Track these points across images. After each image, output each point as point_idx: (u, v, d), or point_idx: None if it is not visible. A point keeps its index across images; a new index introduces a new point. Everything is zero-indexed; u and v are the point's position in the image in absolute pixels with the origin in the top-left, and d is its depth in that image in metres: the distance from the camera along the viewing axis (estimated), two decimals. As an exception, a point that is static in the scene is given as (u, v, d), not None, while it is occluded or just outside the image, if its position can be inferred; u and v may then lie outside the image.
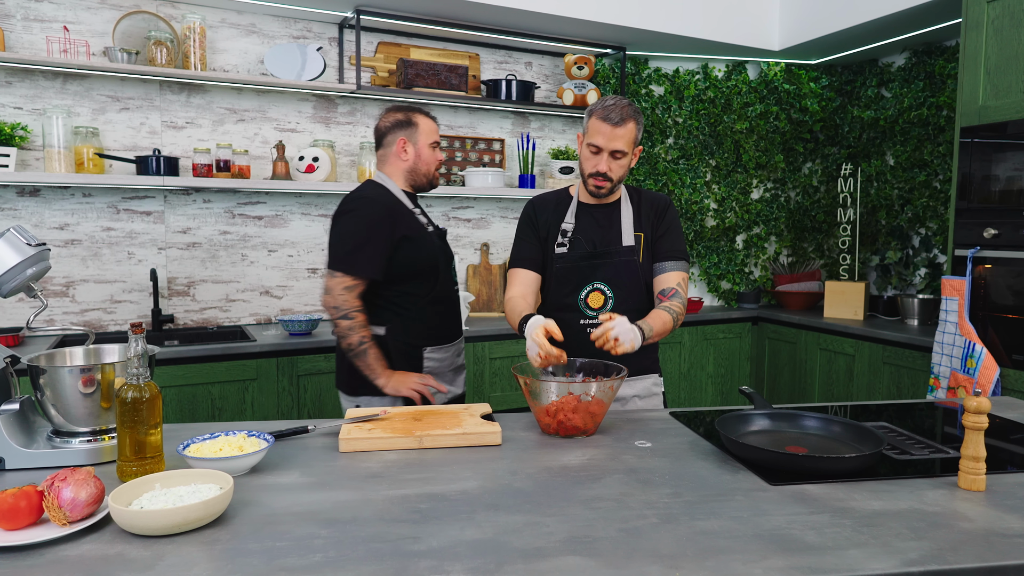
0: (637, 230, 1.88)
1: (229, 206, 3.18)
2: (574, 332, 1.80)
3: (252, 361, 2.74)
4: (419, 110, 2.13)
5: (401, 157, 2.08)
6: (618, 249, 1.85)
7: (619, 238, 1.87)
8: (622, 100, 1.79)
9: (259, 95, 3.20)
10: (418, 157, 2.09)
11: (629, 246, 1.86)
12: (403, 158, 2.08)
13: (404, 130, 2.08)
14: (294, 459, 1.38)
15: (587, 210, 1.90)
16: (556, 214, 1.90)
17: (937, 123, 3.53)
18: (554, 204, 1.93)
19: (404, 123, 2.08)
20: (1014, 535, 1.06)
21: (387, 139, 2.09)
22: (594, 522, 1.10)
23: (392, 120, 2.09)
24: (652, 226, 1.89)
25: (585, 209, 1.90)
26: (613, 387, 1.53)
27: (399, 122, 2.08)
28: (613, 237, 1.87)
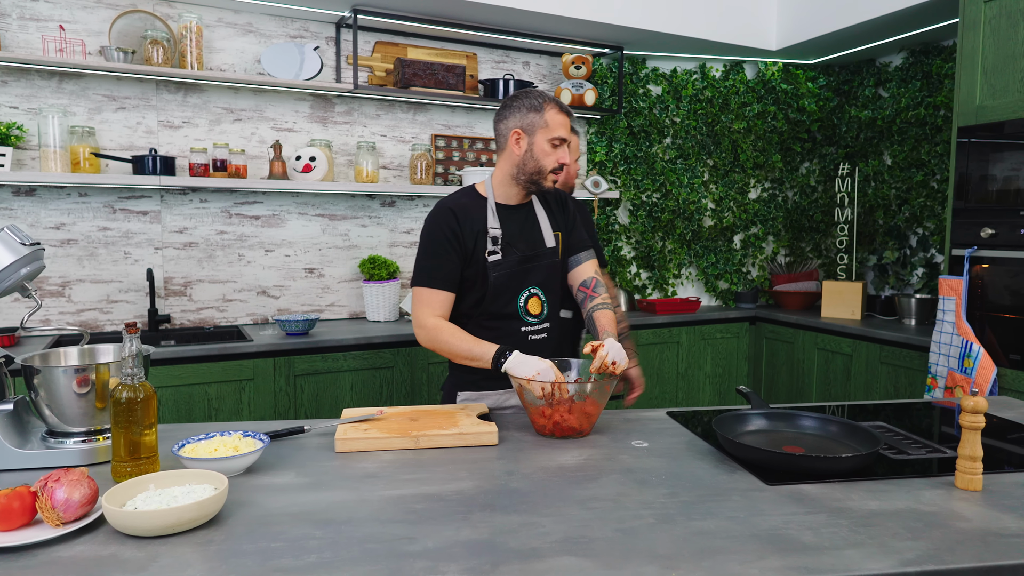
0: (555, 229, 1.82)
1: (226, 206, 3.18)
2: (515, 341, 1.72)
3: (249, 361, 2.73)
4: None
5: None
6: (544, 251, 1.77)
7: (542, 240, 1.78)
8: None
9: (256, 94, 3.20)
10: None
11: (552, 247, 1.78)
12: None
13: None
14: (290, 459, 1.38)
15: (506, 212, 1.75)
16: (478, 220, 1.72)
17: (935, 123, 3.53)
18: (472, 209, 1.73)
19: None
20: (1011, 535, 1.06)
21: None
22: (590, 522, 1.09)
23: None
24: (564, 222, 1.84)
25: (504, 211, 1.75)
26: (608, 386, 1.52)
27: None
28: (537, 239, 1.77)
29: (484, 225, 1.71)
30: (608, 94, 3.87)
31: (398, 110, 3.50)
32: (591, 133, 3.95)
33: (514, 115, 1.69)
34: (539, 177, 1.72)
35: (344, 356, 2.89)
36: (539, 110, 1.69)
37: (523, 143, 1.69)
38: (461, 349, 1.63)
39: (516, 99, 1.71)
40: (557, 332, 1.82)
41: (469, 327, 1.71)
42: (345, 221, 3.42)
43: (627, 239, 4.06)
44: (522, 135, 1.69)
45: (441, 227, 1.68)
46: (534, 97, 1.70)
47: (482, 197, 1.76)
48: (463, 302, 1.73)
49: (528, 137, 1.69)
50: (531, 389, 1.51)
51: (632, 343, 1.83)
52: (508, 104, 1.71)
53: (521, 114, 1.69)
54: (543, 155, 1.70)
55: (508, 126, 1.70)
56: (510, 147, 1.71)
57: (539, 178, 1.72)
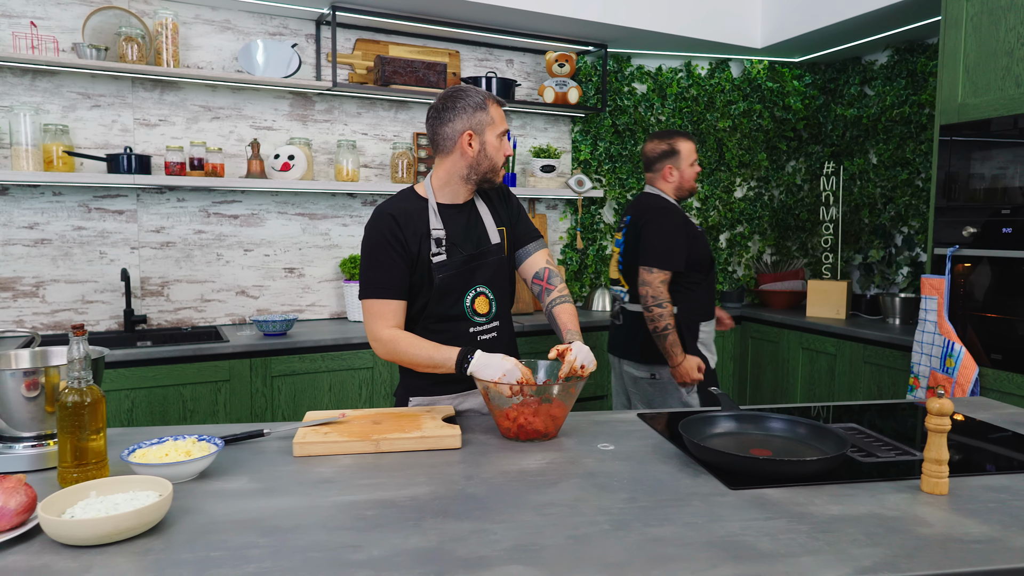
0: (499, 224, 1.77)
1: (204, 205, 3.14)
2: (464, 341, 1.68)
3: (225, 362, 2.70)
4: (680, 134, 2.58)
5: (668, 179, 2.58)
6: (489, 248, 1.72)
7: (487, 237, 1.73)
8: None
9: (234, 92, 3.16)
10: (683, 178, 2.58)
11: (497, 244, 1.74)
12: (669, 180, 2.58)
13: (669, 159, 2.57)
14: (246, 464, 1.35)
15: (449, 212, 1.70)
16: (420, 223, 1.66)
17: (919, 121, 3.51)
18: (414, 212, 1.67)
19: (669, 152, 2.57)
20: (971, 540, 1.03)
21: (656, 166, 2.60)
22: (543, 529, 1.07)
23: (659, 150, 2.58)
24: (507, 216, 1.81)
25: (445, 211, 1.70)
26: (574, 388, 1.50)
27: (664, 152, 2.57)
28: (481, 236, 1.72)
29: (427, 228, 1.66)
30: (592, 92, 3.84)
31: (379, 108, 3.46)
32: (575, 132, 3.92)
33: (460, 116, 1.65)
34: (493, 175, 1.70)
35: (322, 357, 2.85)
36: (484, 108, 1.66)
37: (476, 143, 1.66)
38: (421, 357, 1.59)
39: (456, 100, 1.66)
40: (507, 330, 1.79)
41: (416, 331, 1.68)
42: (326, 220, 3.39)
43: (612, 238, 4.03)
44: (474, 136, 1.66)
45: (383, 234, 1.63)
46: (474, 95, 1.66)
47: (423, 199, 1.71)
48: (411, 307, 1.69)
49: (479, 137, 1.66)
50: (499, 391, 1.48)
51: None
52: (449, 106, 1.66)
53: (468, 115, 1.65)
54: (495, 151, 1.68)
55: (456, 128, 1.65)
56: (461, 149, 1.66)
57: (493, 175, 1.70)
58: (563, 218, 3.96)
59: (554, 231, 3.96)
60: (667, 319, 2.41)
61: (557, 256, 3.97)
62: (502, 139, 1.69)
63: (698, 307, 2.54)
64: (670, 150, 2.56)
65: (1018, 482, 1.28)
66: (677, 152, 2.55)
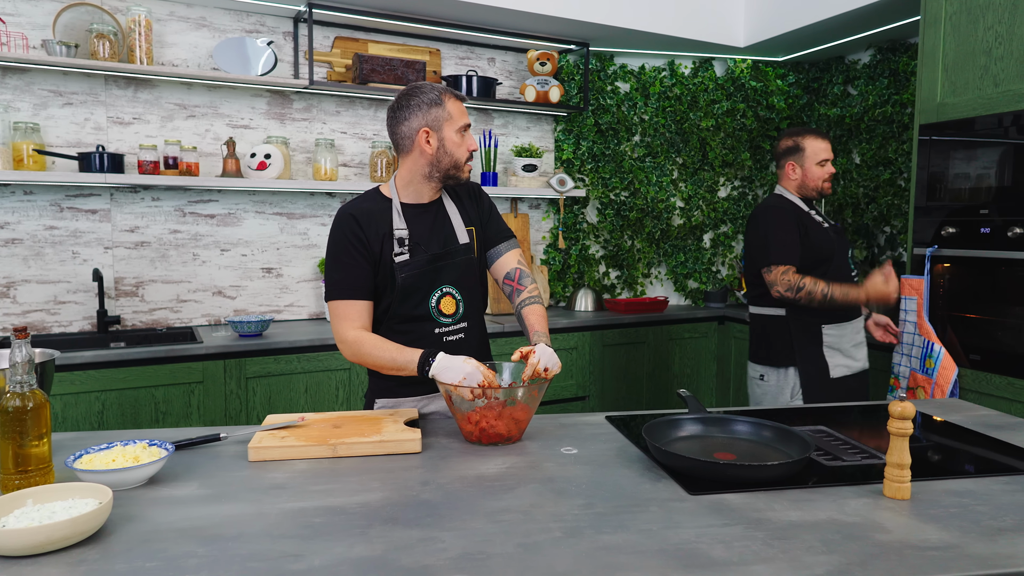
0: (468, 224, 1.75)
1: (179, 204, 3.10)
2: (429, 343, 1.65)
3: (198, 363, 2.67)
4: (809, 131, 2.51)
5: (790, 177, 2.53)
6: (457, 248, 1.70)
7: (454, 236, 1.71)
8: None
9: (210, 90, 3.13)
10: (806, 176, 2.51)
11: (466, 243, 1.71)
12: (791, 178, 2.53)
13: (793, 155, 2.51)
14: (198, 469, 1.32)
15: (414, 212, 1.68)
16: (383, 223, 1.64)
17: (901, 121, 3.51)
18: (376, 213, 1.65)
19: (793, 149, 2.51)
20: (929, 547, 1.01)
21: (779, 162, 2.57)
22: (493, 537, 1.04)
23: (784, 146, 2.54)
24: (477, 216, 1.78)
25: (410, 210, 1.68)
26: (538, 391, 1.47)
27: (788, 148, 2.52)
28: (448, 236, 1.70)
29: (390, 227, 1.64)
30: (575, 91, 3.82)
31: (359, 107, 3.43)
32: (558, 131, 3.90)
33: (416, 114, 1.63)
34: (456, 171, 1.67)
35: (298, 358, 2.82)
36: (439, 103, 1.63)
37: (434, 140, 1.64)
38: (384, 359, 1.57)
39: (410, 98, 1.64)
40: (477, 331, 1.76)
41: (381, 332, 1.65)
42: (304, 220, 3.36)
43: (595, 238, 4.01)
44: (431, 132, 1.63)
45: (345, 235, 1.62)
46: (428, 91, 1.64)
47: (387, 199, 1.69)
48: (375, 308, 1.67)
49: (437, 133, 1.64)
50: (460, 394, 1.45)
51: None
52: (404, 104, 1.64)
53: (423, 111, 1.63)
54: (455, 147, 1.65)
55: (412, 126, 1.64)
56: (419, 147, 1.64)
57: (457, 171, 1.68)
58: (546, 218, 3.93)
59: (536, 231, 3.93)
60: (817, 293, 2.33)
61: (540, 256, 3.94)
62: (463, 134, 1.66)
63: (815, 308, 2.41)
64: (795, 147, 2.50)
65: (982, 486, 1.26)
66: (802, 149, 2.49)
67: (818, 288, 2.35)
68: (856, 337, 2.50)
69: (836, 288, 2.36)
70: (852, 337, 2.48)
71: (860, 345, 2.52)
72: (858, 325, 2.52)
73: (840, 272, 2.48)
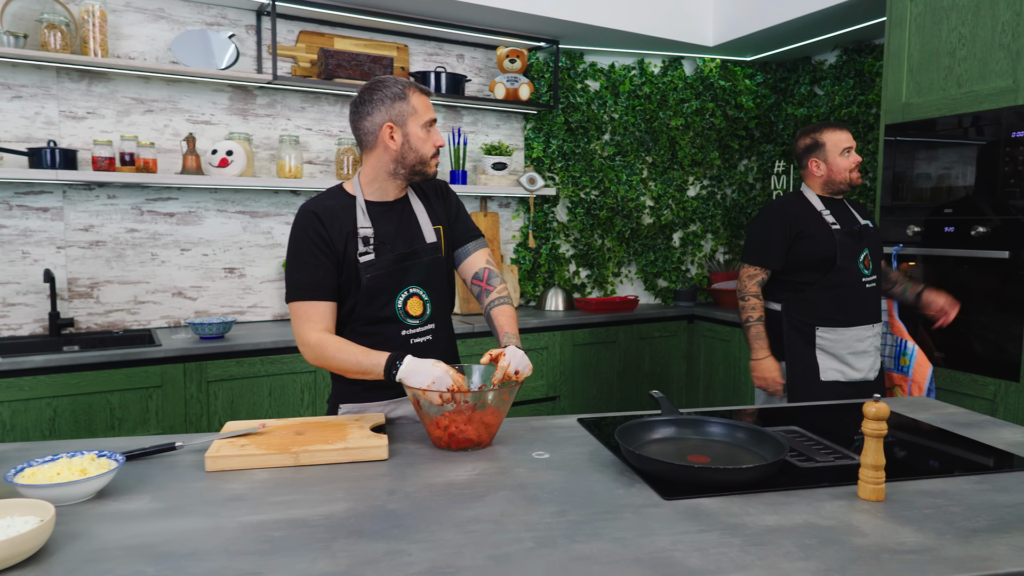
0: (435, 223, 1.70)
1: (137, 202, 3.00)
2: (396, 345, 1.60)
3: (156, 367, 2.57)
4: (826, 125, 2.42)
5: (815, 174, 2.42)
6: (424, 247, 1.64)
7: (421, 236, 1.65)
8: None
9: (169, 84, 3.02)
10: (831, 170, 2.39)
11: (433, 243, 1.67)
12: (817, 174, 2.42)
13: (814, 152, 2.41)
14: (151, 481, 1.25)
15: (379, 210, 1.62)
16: (347, 221, 1.58)
17: (867, 121, 3.54)
18: (340, 210, 1.59)
19: (812, 146, 2.42)
20: (906, 551, 1.00)
21: (802, 162, 2.47)
22: (463, 548, 1.00)
23: (803, 145, 2.45)
24: (445, 214, 1.74)
25: (375, 209, 1.62)
26: (508, 395, 1.43)
27: (808, 146, 2.43)
28: (415, 235, 1.64)
29: (354, 226, 1.58)
30: (545, 89, 3.79)
31: (324, 103, 3.35)
32: (528, 129, 3.87)
33: (379, 109, 1.58)
34: (422, 166, 1.62)
35: (261, 360, 2.74)
36: (403, 97, 1.58)
37: (398, 136, 1.58)
38: (349, 363, 1.51)
39: (373, 92, 1.59)
40: (445, 333, 1.72)
41: (345, 335, 1.60)
42: (268, 218, 3.27)
43: (566, 237, 3.99)
44: (395, 127, 1.58)
45: (307, 233, 1.55)
46: (392, 85, 1.59)
47: (350, 196, 1.63)
48: (339, 309, 1.61)
49: (401, 128, 1.58)
50: (428, 398, 1.41)
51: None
52: (366, 99, 1.59)
53: (387, 106, 1.57)
54: (421, 143, 1.60)
55: (375, 122, 1.58)
56: (383, 143, 1.59)
57: (422, 167, 1.62)
58: (516, 216, 3.90)
59: (507, 230, 3.89)
60: (749, 312, 2.42)
61: (509, 255, 3.91)
62: (429, 129, 1.61)
63: (810, 309, 2.36)
64: (814, 143, 2.41)
65: (953, 486, 1.25)
66: (822, 144, 2.39)
67: (750, 313, 2.43)
68: (857, 346, 2.36)
69: (757, 329, 2.42)
70: (851, 344, 2.35)
71: (863, 355, 2.37)
72: (861, 334, 2.37)
73: (848, 277, 2.34)
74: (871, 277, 2.39)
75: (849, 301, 2.36)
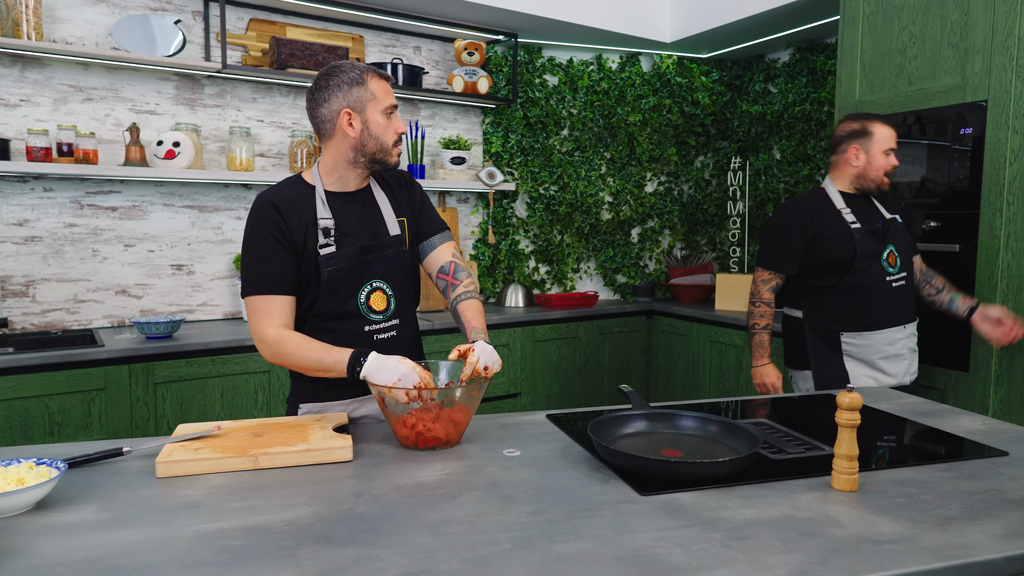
0: (399, 215, 1.65)
1: (76, 195, 2.84)
2: (359, 341, 1.55)
3: (99, 369, 2.44)
4: (875, 117, 2.26)
5: (853, 163, 2.25)
6: (387, 240, 1.58)
7: (384, 228, 1.59)
8: None
9: (110, 72, 2.87)
10: (869, 164, 2.24)
11: (397, 235, 1.60)
12: (854, 164, 2.25)
13: (859, 139, 2.24)
14: (97, 489, 1.17)
15: (340, 201, 1.56)
16: (306, 211, 1.52)
17: (819, 118, 3.61)
18: (299, 201, 1.52)
19: (860, 133, 2.25)
20: (884, 540, 1.00)
21: (842, 146, 2.29)
22: (437, 552, 0.95)
23: (848, 129, 2.27)
24: (409, 206, 1.69)
25: (335, 199, 1.56)
26: (477, 391, 1.39)
27: (854, 132, 2.26)
28: (378, 227, 1.58)
29: (314, 217, 1.51)
30: (503, 83, 3.75)
31: (277, 94, 3.24)
32: (486, 123, 3.82)
33: (336, 95, 1.51)
34: (384, 155, 1.56)
35: (212, 361, 2.63)
36: (361, 83, 1.52)
37: (357, 123, 1.52)
38: (310, 360, 1.44)
39: (329, 78, 1.52)
40: (409, 328, 1.66)
41: (305, 331, 1.53)
42: (218, 213, 3.14)
43: (525, 233, 3.96)
44: (353, 114, 1.51)
45: (264, 224, 1.48)
46: (349, 70, 1.52)
47: (310, 186, 1.56)
48: (299, 304, 1.54)
49: (360, 115, 1.52)
50: (394, 396, 1.35)
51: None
52: (323, 86, 1.52)
53: (344, 92, 1.51)
54: (381, 129, 1.53)
55: (333, 108, 1.52)
56: (341, 130, 1.52)
57: (384, 156, 1.56)
58: (475, 212, 3.85)
59: (465, 225, 3.84)
60: (756, 318, 2.35)
61: (469, 251, 3.85)
62: (389, 116, 1.55)
63: (832, 314, 2.22)
64: (862, 130, 2.24)
65: (923, 474, 1.26)
66: (870, 134, 2.22)
67: (757, 320, 2.35)
68: (888, 350, 2.21)
69: (761, 336, 2.36)
70: (881, 349, 2.21)
71: (895, 359, 2.22)
72: (892, 336, 2.21)
73: (870, 277, 2.19)
74: (899, 275, 2.23)
75: (873, 303, 2.20)
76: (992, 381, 2.36)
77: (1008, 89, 2.28)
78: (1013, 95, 2.27)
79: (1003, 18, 2.28)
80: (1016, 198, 2.28)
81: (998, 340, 2.22)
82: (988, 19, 2.32)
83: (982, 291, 2.37)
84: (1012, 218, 2.30)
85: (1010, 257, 2.31)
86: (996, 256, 2.33)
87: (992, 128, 2.33)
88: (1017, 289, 2.29)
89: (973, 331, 2.34)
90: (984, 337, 2.26)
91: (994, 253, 2.34)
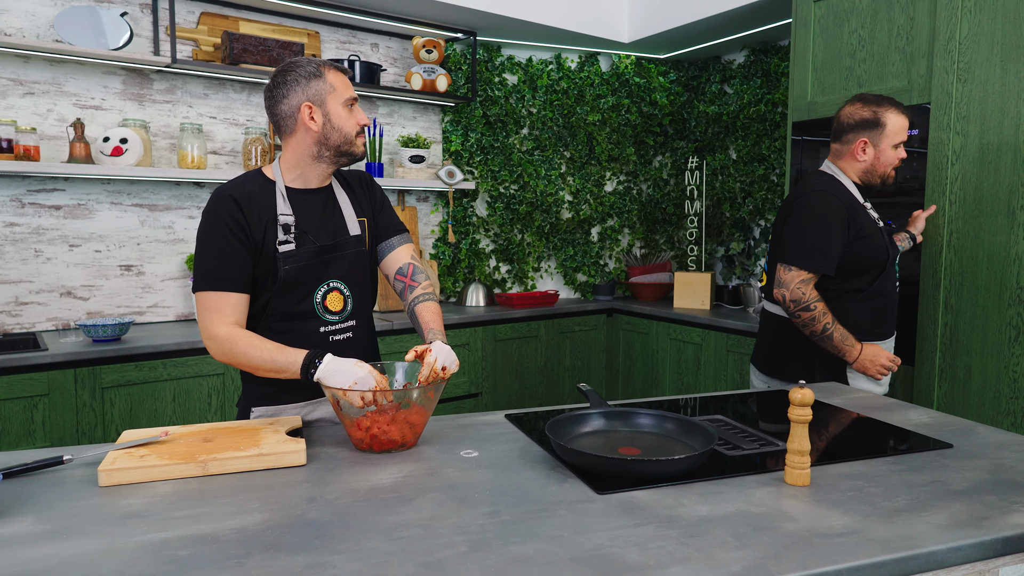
0: (359, 215, 1.63)
1: (17, 193, 2.73)
2: (314, 342, 1.52)
3: (42, 374, 2.35)
4: (889, 102, 2.02)
5: (858, 158, 2.04)
6: (347, 240, 1.55)
7: (344, 227, 1.57)
8: None
9: (53, 65, 2.77)
10: (878, 160, 2.04)
11: (357, 235, 1.58)
12: (860, 159, 2.04)
13: (868, 131, 2.01)
14: (35, 500, 1.12)
15: (299, 197, 1.53)
16: (266, 207, 1.48)
17: (773, 119, 3.68)
18: (259, 195, 1.49)
19: (870, 123, 2.01)
20: (835, 534, 1.01)
21: (847, 136, 2.04)
22: (391, 557, 0.94)
23: (858, 117, 2.02)
24: (369, 206, 1.67)
25: (296, 196, 1.53)
26: (434, 392, 1.37)
27: (864, 121, 2.01)
28: (338, 226, 1.56)
29: (274, 212, 1.48)
30: (463, 81, 3.73)
31: (230, 90, 3.17)
32: (446, 121, 3.80)
33: (295, 90, 1.49)
34: (349, 146, 1.54)
35: (163, 364, 2.56)
36: (319, 76, 1.50)
37: (318, 116, 1.50)
38: (262, 360, 1.40)
39: (287, 73, 1.50)
40: (366, 330, 1.64)
41: (258, 330, 1.49)
42: (169, 212, 3.06)
43: (485, 232, 3.95)
44: (314, 107, 1.49)
45: (222, 218, 1.44)
46: (306, 65, 1.50)
47: (270, 181, 1.52)
48: (253, 303, 1.51)
49: (320, 108, 1.50)
50: (349, 399, 1.33)
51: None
52: (280, 82, 1.50)
53: (302, 86, 1.49)
54: (343, 121, 1.51)
55: (292, 104, 1.49)
56: (303, 124, 1.50)
57: (349, 147, 1.54)
58: (434, 211, 3.82)
59: (425, 224, 3.81)
60: (822, 319, 1.96)
61: (428, 251, 3.83)
62: (351, 108, 1.53)
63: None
64: (874, 120, 1.99)
65: (871, 468, 1.29)
66: (882, 125, 1.99)
67: (824, 320, 1.97)
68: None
69: (838, 330, 1.98)
70: None
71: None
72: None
73: (890, 283, 2.07)
74: (898, 282, 2.16)
75: (888, 310, 2.08)
76: (936, 375, 2.44)
77: (950, 92, 2.35)
78: (955, 97, 2.34)
79: (944, 23, 2.35)
80: (958, 197, 2.36)
81: None
82: (931, 24, 2.40)
83: (926, 287, 2.44)
84: (954, 217, 2.37)
85: (952, 255, 2.38)
86: (939, 254, 2.41)
87: (935, 129, 2.40)
88: (959, 286, 2.37)
89: (919, 326, 2.41)
90: None
91: (937, 251, 2.41)
